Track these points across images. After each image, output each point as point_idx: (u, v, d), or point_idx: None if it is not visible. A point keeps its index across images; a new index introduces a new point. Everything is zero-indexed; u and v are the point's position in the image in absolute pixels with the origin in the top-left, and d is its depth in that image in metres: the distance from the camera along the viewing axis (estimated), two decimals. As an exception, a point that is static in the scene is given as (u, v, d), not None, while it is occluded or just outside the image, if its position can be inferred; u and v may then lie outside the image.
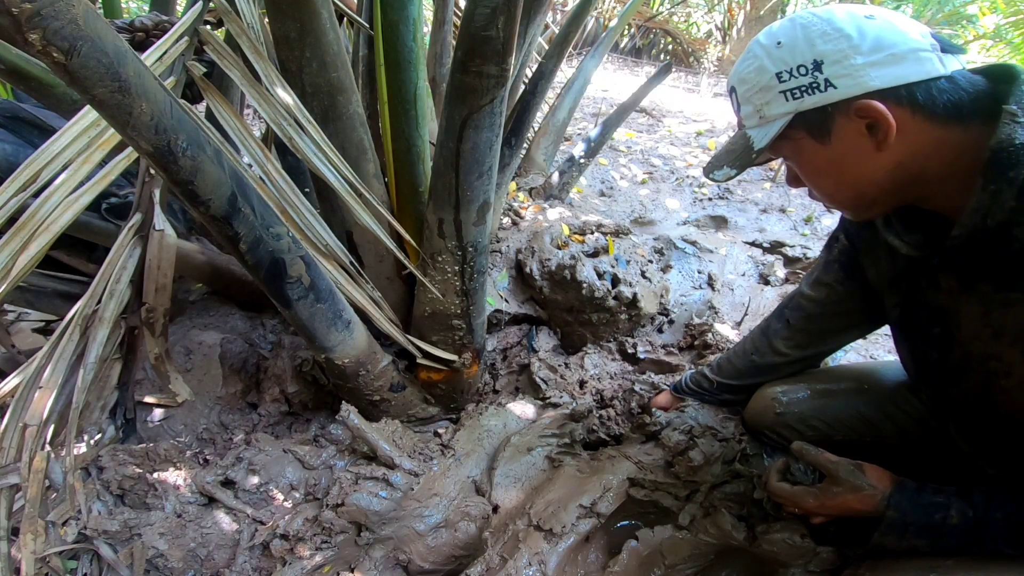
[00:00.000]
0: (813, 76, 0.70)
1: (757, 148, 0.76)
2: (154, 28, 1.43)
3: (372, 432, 1.23)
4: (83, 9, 0.55)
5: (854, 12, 0.70)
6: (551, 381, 1.67)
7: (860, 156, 0.72)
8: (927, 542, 0.80)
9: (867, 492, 0.86)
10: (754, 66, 0.75)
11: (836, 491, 0.89)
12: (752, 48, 0.76)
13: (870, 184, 0.74)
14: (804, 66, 0.70)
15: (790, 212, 2.89)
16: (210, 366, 1.50)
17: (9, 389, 0.99)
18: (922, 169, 0.71)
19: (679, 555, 1.07)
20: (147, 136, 0.69)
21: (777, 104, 0.73)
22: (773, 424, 1.16)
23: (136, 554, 1.11)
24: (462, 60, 0.96)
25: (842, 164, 0.74)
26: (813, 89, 0.70)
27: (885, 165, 0.71)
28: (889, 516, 0.83)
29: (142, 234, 1.13)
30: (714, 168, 0.82)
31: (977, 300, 0.75)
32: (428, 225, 1.24)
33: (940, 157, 0.70)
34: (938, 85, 0.67)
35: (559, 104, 2.49)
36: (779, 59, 0.72)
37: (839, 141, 0.72)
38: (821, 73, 0.69)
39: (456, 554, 1.17)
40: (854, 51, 0.67)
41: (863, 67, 0.67)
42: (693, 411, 1.31)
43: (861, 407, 1.09)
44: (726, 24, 8.24)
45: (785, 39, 0.72)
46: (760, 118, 0.76)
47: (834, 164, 0.75)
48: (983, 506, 0.77)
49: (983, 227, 0.68)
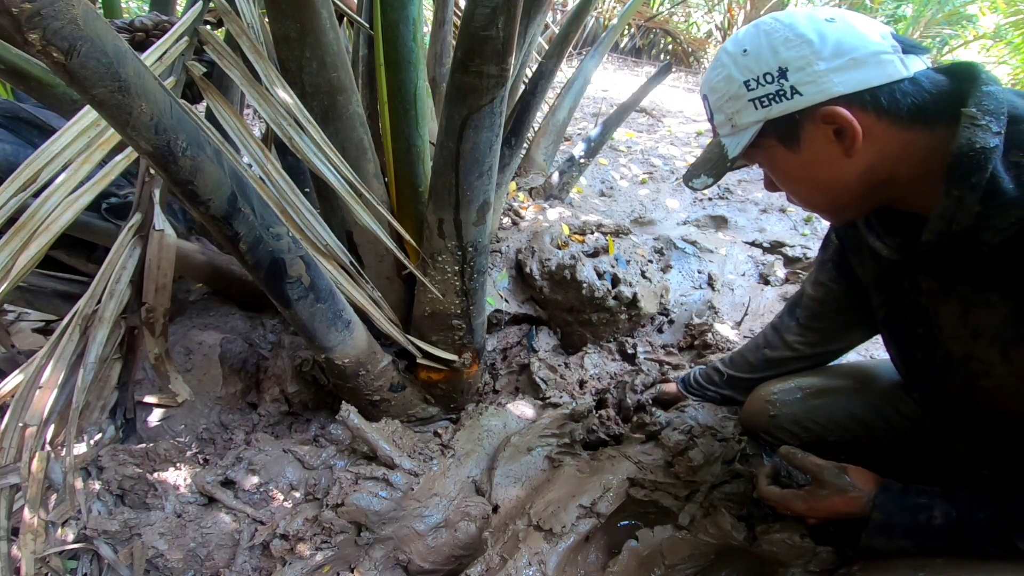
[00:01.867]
0: (779, 83, 0.70)
1: (731, 156, 0.77)
2: (154, 28, 1.43)
3: (372, 432, 1.23)
4: (83, 9, 0.55)
5: (815, 16, 0.70)
6: (551, 381, 1.67)
7: (830, 162, 0.72)
8: (913, 543, 0.80)
9: (852, 494, 0.86)
10: (723, 75, 0.75)
11: (823, 494, 0.89)
12: (720, 56, 0.77)
13: (842, 189, 0.75)
14: (770, 74, 0.70)
15: (790, 212, 2.88)
16: (210, 366, 1.50)
17: (9, 389, 1.00)
18: (892, 172, 0.71)
19: (679, 555, 1.07)
20: (147, 136, 0.69)
21: (747, 113, 0.74)
22: (767, 426, 1.16)
23: (136, 554, 1.11)
24: (462, 60, 0.96)
25: (813, 170, 0.74)
26: (780, 97, 0.70)
27: (855, 170, 0.72)
28: (875, 517, 0.83)
29: (142, 234, 1.13)
30: (692, 176, 0.83)
31: (956, 300, 0.75)
32: (428, 225, 1.24)
33: (908, 160, 0.70)
34: (901, 88, 0.67)
35: (559, 104, 2.49)
36: (746, 67, 0.72)
37: (808, 148, 0.73)
38: (787, 80, 0.69)
39: (456, 554, 1.17)
40: (816, 57, 0.68)
41: (826, 73, 0.67)
42: (693, 411, 1.31)
43: (856, 408, 1.09)
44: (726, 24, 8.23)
45: (750, 46, 0.72)
46: (732, 127, 0.77)
47: (806, 170, 0.75)
48: (966, 506, 0.77)
49: (950, 232, 0.69)
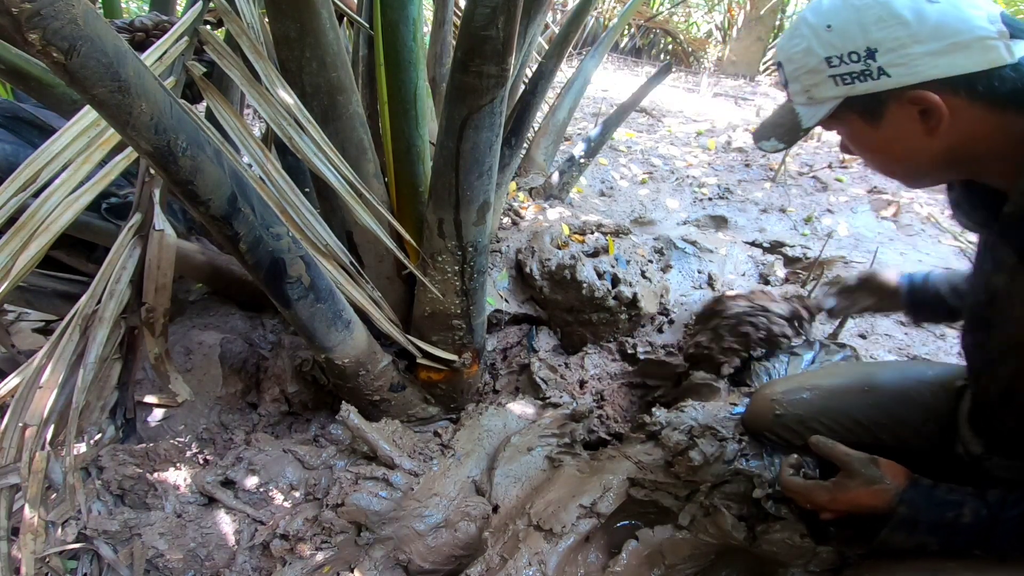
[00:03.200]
0: (866, 64, 0.67)
1: (805, 127, 0.76)
2: (154, 28, 1.43)
3: (372, 432, 1.23)
4: (83, 9, 0.55)
5: None
6: (551, 381, 1.67)
7: (911, 139, 0.71)
8: (937, 540, 0.79)
9: (880, 487, 0.84)
10: (802, 47, 0.72)
11: (850, 485, 0.87)
12: (799, 27, 0.73)
13: (920, 163, 0.74)
14: (856, 53, 0.67)
15: (790, 212, 2.89)
16: (210, 366, 1.50)
17: (9, 389, 0.99)
18: (974, 151, 0.70)
19: (679, 555, 1.07)
20: (147, 136, 0.69)
21: (826, 88, 0.72)
22: (772, 425, 1.16)
23: (136, 554, 1.11)
24: (462, 60, 0.96)
25: (893, 145, 0.74)
26: (865, 77, 0.68)
27: (936, 148, 0.71)
28: (900, 512, 0.81)
29: (142, 234, 1.13)
30: (763, 138, 0.82)
31: None
32: (428, 225, 1.24)
33: (994, 141, 0.68)
34: (1001, 74, 0.64)
35: (559, 104, 2.49)
36: (829, 43, 0.69)
37: (890, 124, 0.71)
38: (874, 61, 0.66)
39: (456, 554, 1.17)
40: (912, 39, 0.64)
41: (921, 56, 0.64)
42: (693, 411, 1.31)
43: (860, 410, 1.08)
44: (726, 24, 8.23)
45: (836, 22, 0.68)
46: (809, 98, 0.75)
47: (885, 144, 0.75)
48: (998, 504, 0.76)
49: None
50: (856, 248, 2.51)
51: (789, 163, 3.41)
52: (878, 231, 2.70)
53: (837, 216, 2.84)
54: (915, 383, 1.07)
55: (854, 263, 2.26)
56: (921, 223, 2.75)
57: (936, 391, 1.04)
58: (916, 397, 1.05)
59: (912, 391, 1.06)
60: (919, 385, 1.06)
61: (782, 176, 3.26)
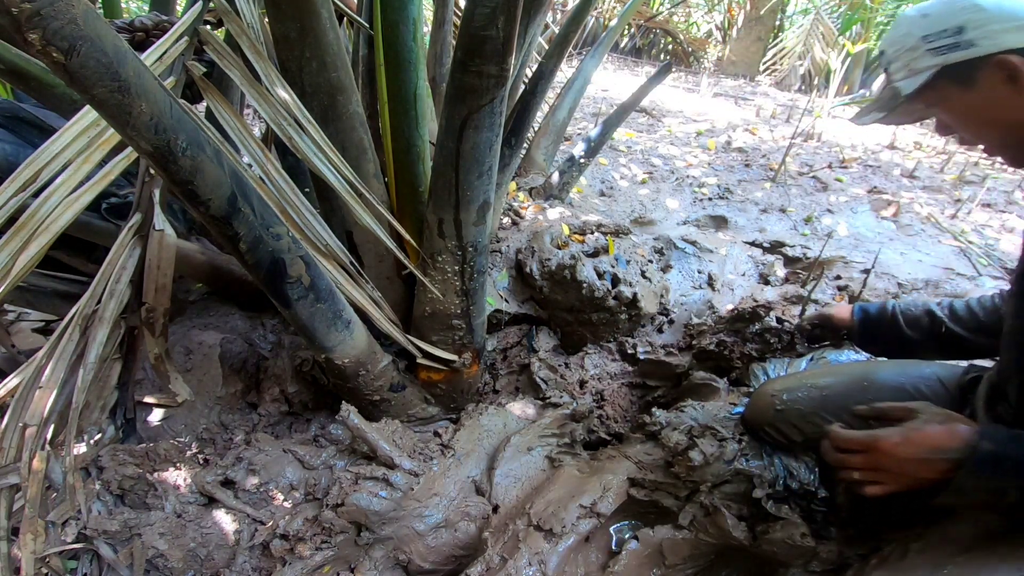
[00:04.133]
0: (956, 37, 0.82)
1: (904, 94, 0.87)
2: (154, 28, 1.43)
3: (372, 432, 1.23)
4: (83, 9, 0.55)
5: None
6: (551, 381, 1.67)
7: (1002, 100, 0.82)
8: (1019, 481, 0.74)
9: (957, 424, 0.79)
10: (903, 32, 0.88)
11: (923, 419, 0.82)
12: (901, 20, 0.90)
13: (1014, 126, 0.84)
14: (947, 30, 0.83)
15: (790, 212, 2.89)
16: (210, 366, 1.50)
17: (9, 389, 0.99)
18: None
19: (679, 555, 1.07)
20: (147, 136, 0.69)
21: (925, 59, 0.85)
22: (774, 420, 1.17)
23: (136, 554, 1.11)
24: (462, 60, 0.96)
25: (986, 108, 0.85)
26: (956, 47, 0.82)
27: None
28: (983, 449, 0.75)
29: (142, 234, 1.13)
30: (862, 115, 0.95)
31: None
32: (428, 225, 1.24)
33: None
34: None
35: (559, 104, 2.49)
36: (925, 26, 0.85)
37: (981, 88, 0.83)
38: (963, 35, 0.82)
39: (456, 554, 1.17)
40: (990, 20, 0.81)
41: (1000, 32, 0.80)
42: (693, 411, 1.31)
43: (860, 404, 1.09)
44: (726, 24, 8.24)
45: (931, 11, 0.85)
46: (909, 71, 0.87)
47: (979, 109, 0.85)
48: None
49: None
50: (856, 248, 2.51)
51: (789, 163, 3.41)
52: (878, 231, 2.70)
53: (837, 216, 2.84)
54: (914, 379, 1.10)
55: (854, 263, 2.26)
56: (921, 223, 2.76)
57: (934, 387, 1.07)
58: (914, 392, 1.07)
59: (910, 386, 1.08)
60: (917, 381, 1.09)
61: (782, 176, 3.26)
